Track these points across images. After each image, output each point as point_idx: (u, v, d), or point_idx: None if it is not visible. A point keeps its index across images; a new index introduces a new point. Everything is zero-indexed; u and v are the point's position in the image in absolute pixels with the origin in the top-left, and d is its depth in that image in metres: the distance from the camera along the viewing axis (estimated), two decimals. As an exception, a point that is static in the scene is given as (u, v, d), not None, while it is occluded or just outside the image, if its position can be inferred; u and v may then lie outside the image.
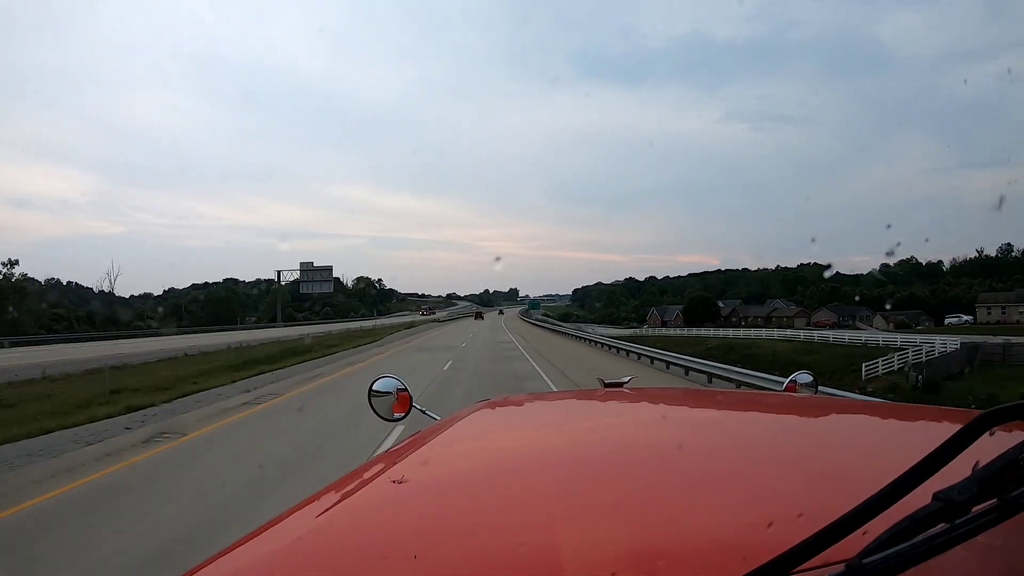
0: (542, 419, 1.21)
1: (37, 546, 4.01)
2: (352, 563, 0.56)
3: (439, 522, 0.63)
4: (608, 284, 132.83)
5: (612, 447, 0.89)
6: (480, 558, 0.55)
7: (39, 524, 4.46)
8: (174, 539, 3.97)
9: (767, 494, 0.64)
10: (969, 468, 0.41)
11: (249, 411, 9.85)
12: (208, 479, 5.64)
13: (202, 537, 3.91)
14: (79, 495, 5.18)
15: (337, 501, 0.68)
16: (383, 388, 1.71)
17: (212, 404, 10.62)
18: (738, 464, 0.75)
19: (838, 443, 0.88)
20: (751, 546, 0.49)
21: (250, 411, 9.85)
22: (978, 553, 0.46)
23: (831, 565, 0.40)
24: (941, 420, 0.90)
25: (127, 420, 8.99)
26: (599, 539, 0.56)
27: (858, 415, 1.11)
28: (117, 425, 8.61)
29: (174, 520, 4.39)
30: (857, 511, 0.39)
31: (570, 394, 1.83)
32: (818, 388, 1.62)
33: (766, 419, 1.07)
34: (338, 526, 0.64)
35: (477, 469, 0.83)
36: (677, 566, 0.51)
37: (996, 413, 0.41)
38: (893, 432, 0.94)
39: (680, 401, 1.34)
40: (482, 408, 1.18)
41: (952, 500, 0.39)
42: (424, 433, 1.02)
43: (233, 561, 0.58)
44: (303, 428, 8.46)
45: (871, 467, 0.70)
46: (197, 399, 11.25)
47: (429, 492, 0.73)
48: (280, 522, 0.66)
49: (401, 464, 0.82)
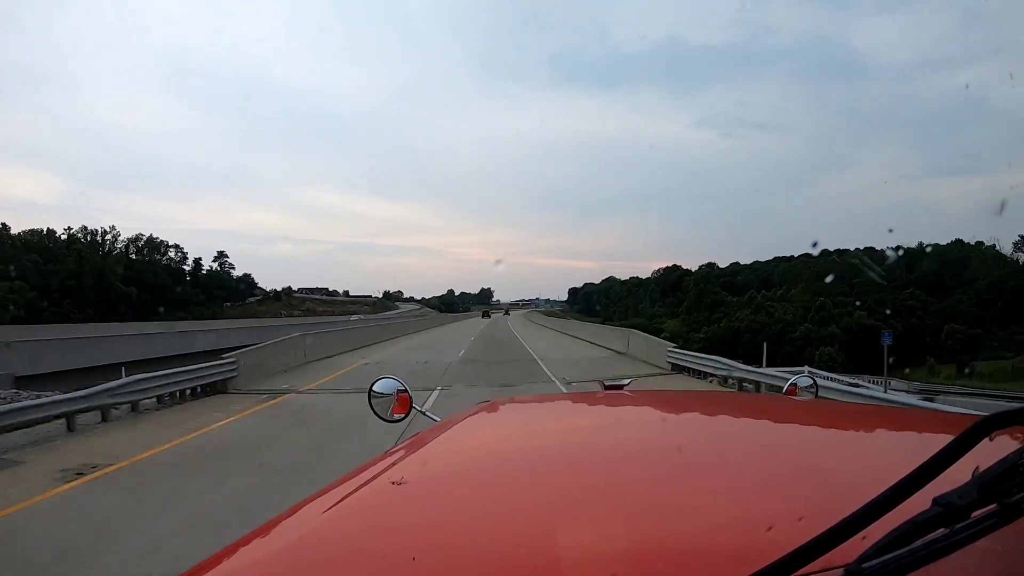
0: (542, 421, 1.20)
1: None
2: (351, 564, 0.56)
3: (438, 523, 0.63)
4: (624, 281, 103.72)
5: (612, 449, 0.89)
6: (479, 560, 0.55)
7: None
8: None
9: (767, 497, 0.64)
10: (969, 473, 0.41)
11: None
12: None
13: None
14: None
15: (336, 502, 0.67)
16: (383, 390, 1.70)
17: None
18: (738, 467, 0.75)
19: (838, 447, 0.88)
20: (751, 549, 0.49)
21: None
22: (978, 558, 0.46)
23: (831, 569, 0.40)
24: (941, 425, 0.89)
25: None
26: (599, 541, 0.55)
27: (858, 419, 1.09)
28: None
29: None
30: (857, 515, 0.38)
31: (570, 396, 1.85)
32: (818, 391, 1.62)
33: (766, 422, 1.06)
34: (337, 527, 0.64)
35: (477, 470, 0.83)
36: (677, 568, 0.51)
37: (996, 418, 0.41)
38: (893, 436, 0.93)
39: (680, 403, 1.34)
40: (482, 410, 1.19)
41: (952, 505, 0.39)
42: (424, 434, 1.01)
43: (233, 561, 0.58)
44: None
45: (871, 471, 0.70)
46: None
47: (428, 493, 0.73)
48: (280, 523, 0.66)
49: (400, 465, 0.81)
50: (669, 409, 1.21)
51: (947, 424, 0.87)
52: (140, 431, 7.43)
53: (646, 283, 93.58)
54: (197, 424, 7.68)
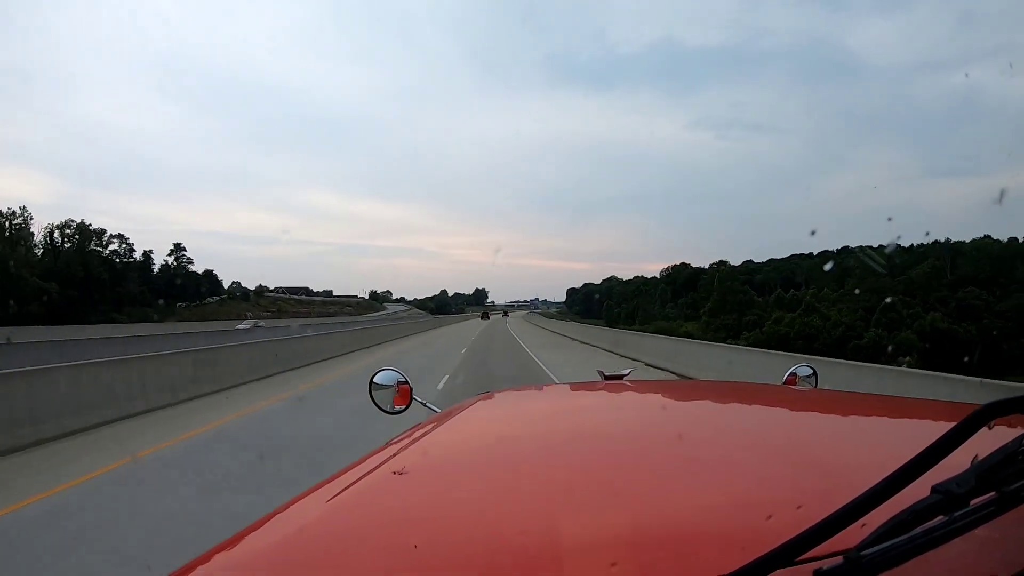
0: (542, 410, 1.20)
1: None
2: (353, 553, 0.57)
3: (439, 512, 0.64)
4: (628, 280, 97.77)
5: (612, 438, 0.89)
6: (480, 547, 0.55)
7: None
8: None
9: (767, 485, 0.64)
10: (968, 461, 0.41)
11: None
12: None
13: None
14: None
15: (338, 492, 0.68)
16: (384, 381, 1.70)
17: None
18: (738, 456, 0.76)
19: (837, 435, 0.88)
20: (750, 537, 0.49)
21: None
22: (976, 546, 0.46)
23: (830, 556, 0.40)
24: (940, 413, 0.89)
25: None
26: (599, 529, 0.56)
27: (858, 408, 1.10)
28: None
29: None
30: (856, 503, 0.38)
31: (570, 386, 1.74)
32: (818, 381, 1.61)
33: (766, 411, 1.06)
34: (339, 516, 0.64)
35: (477, 460, 0.83)
36: (677, 556, 0.51)
37: (995, 406, 0.40)
38: (892, 425, 0.93)
39: (680, 393, 1.36)
40: (482, 400, 1.19)
41: (951, 493, 0.39)
42: (424, 425, 1.01)
43: (237, 550, 0.58)
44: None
45: (870, 459, 0.70)
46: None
47: (429, 482, 0.74)
48: (282, 512, 0.66)
49: (402, 455, 0.81)
50: (669, 398, 1.22)
51: (946, 412, 0.86)
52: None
53: (654, 283, 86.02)
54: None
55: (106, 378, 7.82)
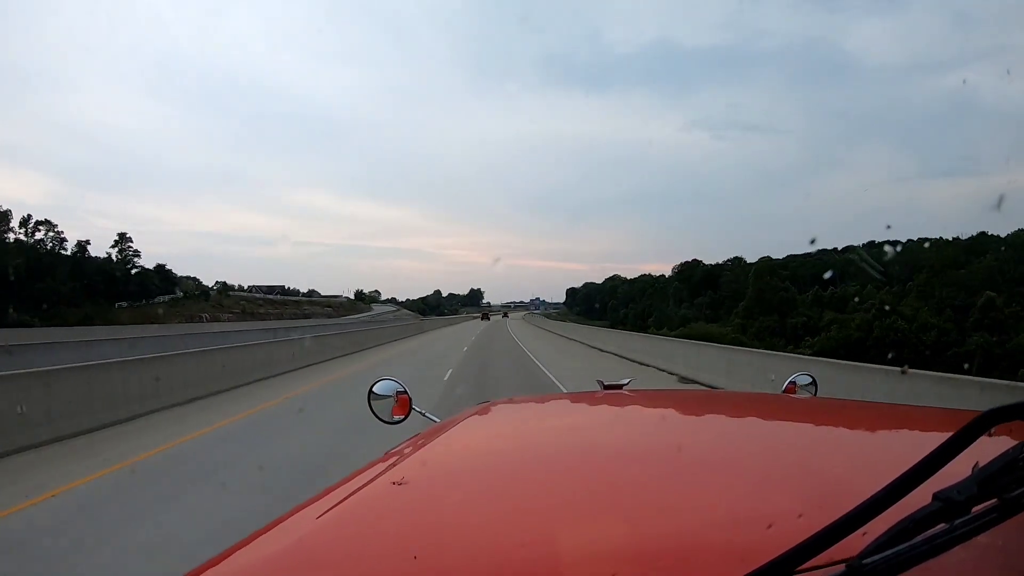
0: (541, 420, 1.20)
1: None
2: (352, 564, 0.56)
3: (439, 523, 0.63)
4: (630, 280, 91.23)
5: (612, 448, 0.89)
6: (480, 559, 0.55)
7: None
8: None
9: (767, 495, 0.64)
10: (969, 468, 0.41)
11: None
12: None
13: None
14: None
15: (338, 502, 0.68)
16: (382, 391, 1.68)
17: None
18: (737, 465, 0.75)
19: (838, 444, 0.88)
20: (751, 547, 0.49)
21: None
22: (978, 553, 0.46)
23: (831, 565, 0.40)
24: (941, 420, 0.89)
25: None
26: (599, 540, 0.55)
27: (857, 416, 1.09)
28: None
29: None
30: (857, 512, 0.38)
31: (570, 396, 1.84)
32: (817, 390, 1.61)
33: (766, 420, 1.06)
34: (338, 527, 0.64)
35: (477, 470, 0.83)
36: (678, 567, 0.51)
37: (996, 413, 0.40)
38: (893, 433, 0.93)
39: (680, 403, 1.34)
40: (481, 410, 1.19)
41: (952, 500, 0.39)
42: (424, 435, 1.01)
43: (235, 562, 0.58)
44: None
45: (871, 468, 0.70)
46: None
47: (429, 493, 0.73)
48: (281, 523, 0.66)
49: (401, 466, 0.81)
50: (669, 408, 1.21)
51: (947, 420, 0.86)
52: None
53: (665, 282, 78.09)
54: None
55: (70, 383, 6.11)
